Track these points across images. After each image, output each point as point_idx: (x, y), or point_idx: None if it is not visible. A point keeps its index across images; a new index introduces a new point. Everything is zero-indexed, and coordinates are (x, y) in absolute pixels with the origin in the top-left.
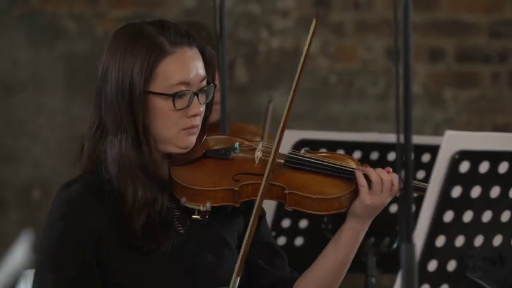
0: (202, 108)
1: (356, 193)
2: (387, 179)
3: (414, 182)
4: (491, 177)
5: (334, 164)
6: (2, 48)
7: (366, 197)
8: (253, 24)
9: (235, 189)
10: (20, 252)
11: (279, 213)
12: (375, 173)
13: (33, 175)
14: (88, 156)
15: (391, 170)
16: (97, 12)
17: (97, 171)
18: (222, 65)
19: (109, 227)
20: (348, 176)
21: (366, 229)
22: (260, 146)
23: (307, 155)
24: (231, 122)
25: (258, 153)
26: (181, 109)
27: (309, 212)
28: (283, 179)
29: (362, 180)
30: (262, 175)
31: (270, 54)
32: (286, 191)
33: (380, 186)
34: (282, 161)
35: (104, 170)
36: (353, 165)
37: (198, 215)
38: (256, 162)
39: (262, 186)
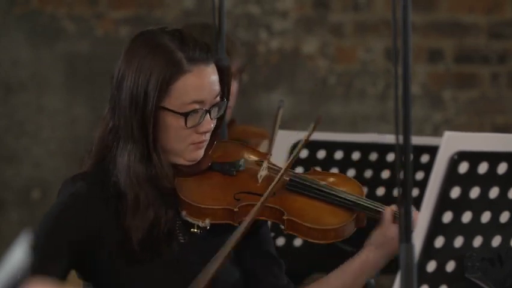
0: (213, 124)
1: (355, 223)
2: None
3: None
4: (490, 178)
5: (337, 193)
6: (2, 48)
7: (389, 227)
8: (252, 25)
9: (235, 210)
10: (20, 252)
11: None
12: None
13: (34, 175)
14: (96, 157)
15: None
16: (96, 13)
17: (104, 173)
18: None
19: (110, 230)
20: (348, 206)
21: (379, 266)
22: (265, 164)
23: (312, 177)
24: (235, 125)
25: (262, 172)
26: (192, 127)
27: (305, 239)
28: (283, 203)
29: (388, 213)
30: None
31: (269, 55)
32: (285, 217)
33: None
34: (287, 179)
35: (112, 173)
36: (356, 191)
37: (196, 230)
38: (259, 181)
39: (257, 207)
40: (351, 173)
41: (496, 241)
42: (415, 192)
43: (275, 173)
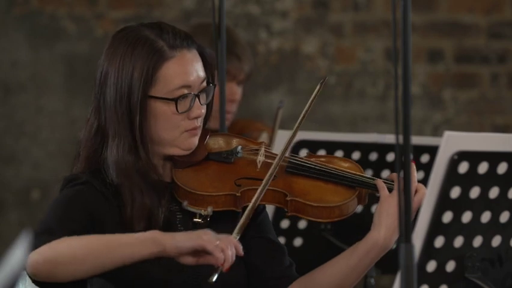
0: (204, 110)
1: (358, 200)
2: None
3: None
4: (490, 178)
5: (337, 171)
6: (1, 49)
7: (385, 199)
8: (252, 25)
9: (237, 194)
10: (19, 253)
11: (278, 214)
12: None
13: (33, 176)
14: (86, 160)
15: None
16: (96, 13)
17: (98, 175)
18: (221, 66)
19: (112, 225)
20: (349, 184)
21: (387, 247)
22: (262, 149)
23: (310, 159)
24: (237, 120)
25: (260, 158)
26: (183, 112)
27: (310, 219)
28: (285, 185)
29: (381, 183)
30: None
31: (269, 55)
32: (288, 198)
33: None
34: (285, 164)
35: (106, 173)
36: (355, 170)
37: (199, 219)
38: (259, 166)
39: (259, 190)
40: None
41: (496, 241)
42: None
43: (272, 159)
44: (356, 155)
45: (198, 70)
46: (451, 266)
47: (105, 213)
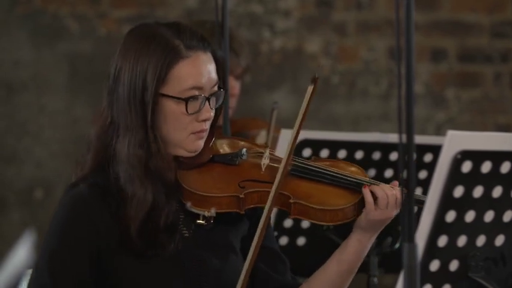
0: (213, 113)
1: (361, 204)
2: (391, 194)
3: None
4: (494, 177)
5: (340, 174)
6: (4, 48)
7: (372, 213)
8: (255, 24)
9: (241, 196)
10: (22, 252)
11: (281, 213)
12: (381, 190)
13: (35, 175)
14: (95, 154)
15: (397, 183)
16: (99, 12)
17: (104, 171)
18: (225, 65)
19: (113, 231)
20: (353, 187)
21: (372, 241)
22: (267, 152)
23: (314, 163)
24: (237, 118)
25: (265, 161)
26: (192, 113)
27: (313, 221)
28: (288, 188)
29: (368, 197)
30: (268, 182)
31: (272, 54)
32: (291, 201)
33: (385, 202)
34: (289, 168)
35: (112, 169)
36: (359, 174)
37: (202, 220)
38: (263, 169)
39: (270, 198)
40: None
41: (499, 240)
42: (418, 191)
43: (277, 162)
44: (359, 154)
45: (211, 73)
46: (454, 265)
47: (102, 221)
